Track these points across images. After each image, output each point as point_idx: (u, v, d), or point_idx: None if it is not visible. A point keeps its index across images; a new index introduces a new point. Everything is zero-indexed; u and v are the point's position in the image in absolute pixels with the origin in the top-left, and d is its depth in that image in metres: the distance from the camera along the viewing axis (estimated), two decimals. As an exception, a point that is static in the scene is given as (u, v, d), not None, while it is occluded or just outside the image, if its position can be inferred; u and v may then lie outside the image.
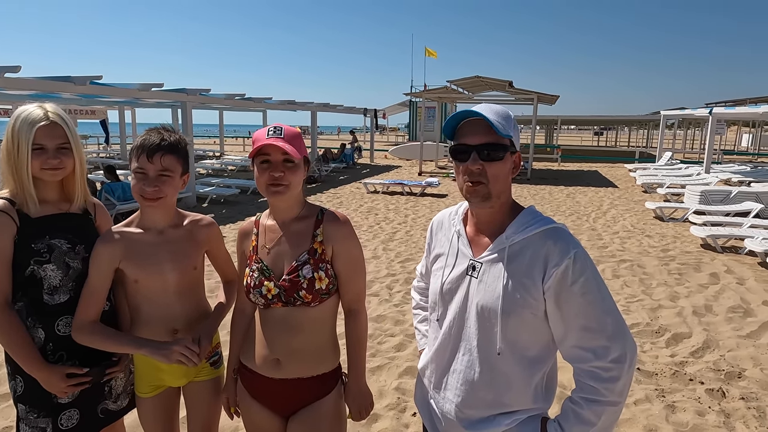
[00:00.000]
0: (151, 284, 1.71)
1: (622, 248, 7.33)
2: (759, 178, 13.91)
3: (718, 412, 3.22)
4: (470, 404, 1.37)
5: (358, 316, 1.69)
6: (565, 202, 11.70)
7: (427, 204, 11.14)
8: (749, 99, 22.38)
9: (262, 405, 1.67)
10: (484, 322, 1.33)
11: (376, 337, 4.26)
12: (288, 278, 1.57)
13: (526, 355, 1.32)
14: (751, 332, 4.43)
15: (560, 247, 1.26)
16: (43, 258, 1.64)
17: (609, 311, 1.25)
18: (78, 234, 1.72)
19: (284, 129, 1.54)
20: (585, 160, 23.92)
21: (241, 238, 1.74)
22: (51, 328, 1.68)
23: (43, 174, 1.63)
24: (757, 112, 13.87)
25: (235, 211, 9.97)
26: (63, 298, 1.69)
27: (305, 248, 1.59)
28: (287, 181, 1.54)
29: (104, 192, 8.28)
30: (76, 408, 1.72)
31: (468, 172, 1.30)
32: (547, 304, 1.27)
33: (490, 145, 1.28)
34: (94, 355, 1.74)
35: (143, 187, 1.63)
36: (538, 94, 16.70)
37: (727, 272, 6.19)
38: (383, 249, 7.15)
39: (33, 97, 9.88)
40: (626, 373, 1.23)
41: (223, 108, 19.47)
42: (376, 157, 23.35)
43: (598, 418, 1.24)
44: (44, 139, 1.60)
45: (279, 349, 1.60)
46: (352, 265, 1.65)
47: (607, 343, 1.23)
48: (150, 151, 1.62)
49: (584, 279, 1.24)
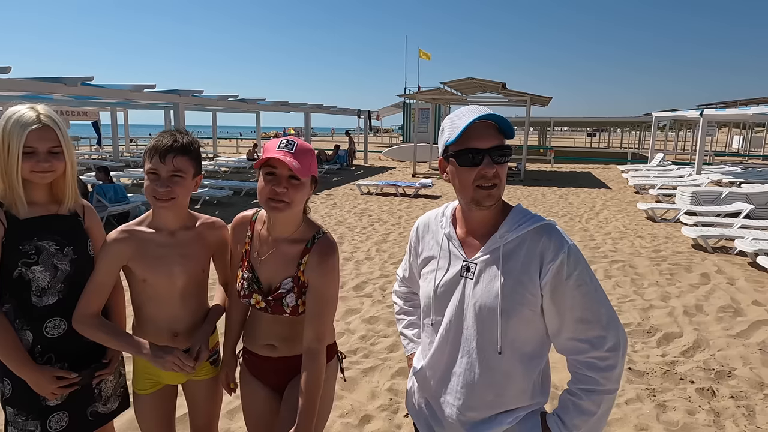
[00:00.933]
0: (158, 285, 1.72)
1: (614, 249, 7.37)
2: (749, 179, 14.03)
3: (708, 411, 3.24)
4: (472, 406, 1.37)
5: (316, 358, 1.58)
6: (557, 203, 11.75)
7: (421, 205, 11.15)
8: (740, 101, 22.57)
9: (260, 382, 1.78)
10: (483, 322, 1.33)
11: (368, 339, 4.26)
12: (273, 300, 1.63)
13: (525, 352, 1.34)
14: (741, 332, 4.47)
15: (555, 243, 1.29)
16: (30, 260, 1.63)
17: (602, 301, 1.30)
18: (66, 236, 1.71)
19: (297, 144, 1.52)
20: (578, 162, 24.04)
21: (235, 229, 1.76)
22: (39, 330, 1.67)
23: (33, 177, 1.62)
24: (747, 113, 14.02)
25: (228, 213, 9.94)
26: (51, 300, 1.67)
27: (291, 273, 1.62)
28: (289, 198, 1.51)
29: (96, 194, 8.23)
30: (65, 411, 1.71)
31: (482, 176, 1.28)
32: (543, 300, 1.30)
33: (501, 147, 1.30)
34: (84, 357, 1.74)
35: (156, 187, 1.63)
36: (531, 95, 16.77)
37: (717, 272, 6.24)
38: (376, 250, 7.15)
39: (24, 98, 9.79)
40: (621, 360, 1.28)
41: (216, 109, 19.43)
42: (370, 159, 23.35)
43: (598, 407, 1.28)
44: (36, 143, 1.58)
45: (272, 336, 1.71)
46: (320, 301, 1.60)
47: (602, 333, 1.27)
48: (163, 152, 1.62)
49: (578, 272, 1.27)
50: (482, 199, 1.31)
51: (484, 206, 1.33)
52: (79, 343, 1.72)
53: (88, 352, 1.76)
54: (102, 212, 7.86)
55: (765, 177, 14.36)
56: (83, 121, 20.68)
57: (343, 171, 18.55)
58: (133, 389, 1.86)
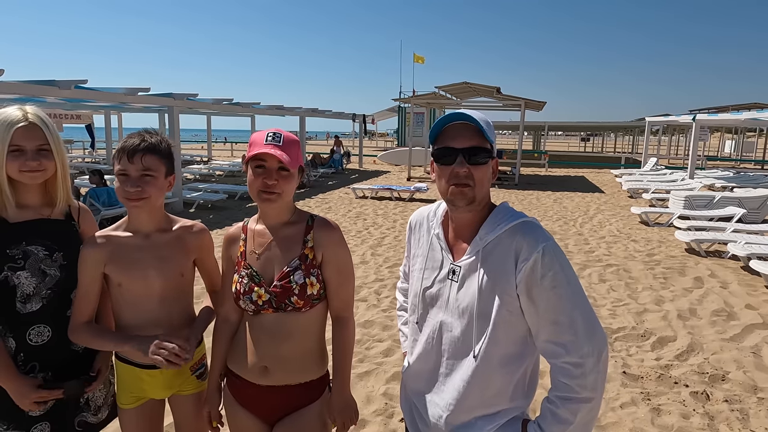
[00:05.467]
0: (135, 289, 1.67)
1: (609, 253, 7.39)
2: (741, 183, 14.15)
3: (703, 415, 3.25)
4: (453, 407, 1.37)
5: (346, 324, 1.66)
6: (552, 207, 11.78)
7: (416, 209, 11.14)
8: (732, 106, 22.79)
9: (248, 411, 1.64)
10: (465, 324, 1.33)
11: (363, 343, 4.24)
12: (279, 284, 1.55)
13: (505, 354, 1.32)
14: (735, 335, 4.49)
15: (529, 241, 1.26)
16: (17, 264, 1.59)
17: (578, 305, 1.25)
18: (57, 240, 1.67)
19: (283, 136, 1.53)
20: (572, 166, 24.15)
21: (227, 244, 1.71)
22: (22, 338, 1.63)
23: (22, 177, 1.58)
24: (739, 118, 14.14)
25: (222, 217, 9.90)
26: (35, 307, 1.63)
27: (296, 254, 1.58)
28: (280, 189, 1.52)
29: (89, 197, 8.17)
30: (47, 421, 1.66)
31: (454, 175, 1.29)
32: (521, 300, 1.27)
33: (477, 148, 1.29)
34: (69, 367, 1.70)
35: (126, 188, 1.60)
36: (526, 100, 16.84)
37: (710, 276, 6.27)
38: (371, 254, 7.14)
39: (17, 101, 9.74)
40: (595, 368, 1.22)
41: (210, 113, 19.37)
42: (365, 163, 23.36)
43: (575, 416, 1.23)
44: (22, 141, 1.56)
45: (267, 356, 1.58)
46: (341, 272, 1.63)
47: (575, 338, 1.23)
48: (130, 152, 1.59)
49: (553, 273, 1.23)
50: (455, 198, 1.31)
51: (458, 206, 1.33)
52: (64, 352, 1.69)
53: (73, 360, 1.71)
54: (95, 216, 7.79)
55: (757, 181, 14.48)
56: (77, 125, 20.56)
57: (338, 175, 18.54)
58: (117, 403, 1.79)
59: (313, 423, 1.62)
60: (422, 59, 25.20)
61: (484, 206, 1.37)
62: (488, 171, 1.33)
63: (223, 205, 11.31)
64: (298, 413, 1.62)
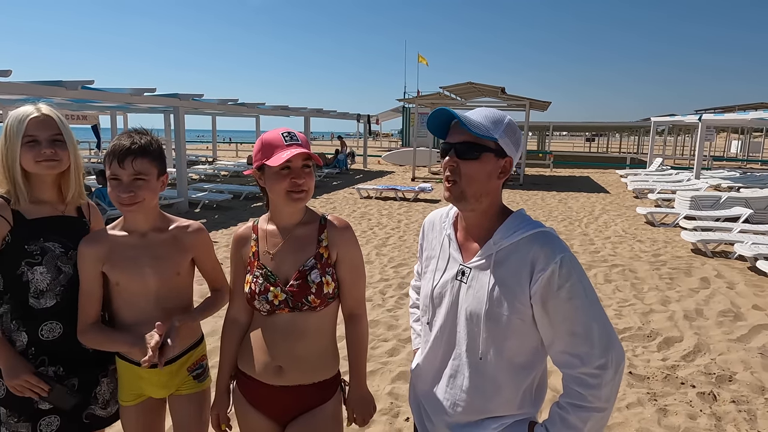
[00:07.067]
0: (132, 288, 1.67)
1: (614, 253, 7.37)
2: (748, 183, 14.07)
3: (710, 416, 3.24)
4: (458, 408, 1.37)
5: (360, 321, 1.69)
6: (557, 207, 11.75)
7: (420, 209, 11.15)
8: (738, 106, 22.65)
9: (259, 412, 1.63)
10: (472, 327, 1.33)
11: (369, 342, 4.24)
12: (296, 283, 1.55)
13: (514, 361, 1.32)
14: (741, 336, 4.47)
15: (546, 252, 1.24)
16: (35, 260, 1.62)
17: (596, 317, 1.24)
18: (72, 238, 1.70)
19: (298, 135, 1.54)
20: (577, 166, 24.08)
21: (237, 245, 1.69)
22: (35, 332, 1.65)
23: (39, 167, 1.60)
24: (745, 118, 14.06)
25: (227, 217, 9.93)
26: (49, 303, 1.66)
27: (311, 253, 1.58)
28: (307, 186, 1.54)
29: (95, 196, 8.22)
30: (56, 415, 1.69)
31: (445, 168, 1.34)
32: (534, 309, 1.26)
33: (465, 143, 1.29)
34: (78, 362, 1.71)
35: (118, 193, 1.59)
36: (531, 100, 16.81)
37: (717, 277, 6.24)
38: (376, 254, 7.14)
39: (24, 101, 9.81)
40: (611, 380, 1.22)
41: (216, 113, 19.43)
42: (370, 163, 23.37)
43: (584, 424, 1.23)
44: (36, 131, 1.59)
45: (282, 355, 1.57)
46: (355, 270, 1.66)
47: (592, 350, 1.21)
48: (120, 156, 1.57)
49: (570, 284, 1.22)
50: (445, 191, 1.35)
51: (449, 202, 1.37)
52: (74, 348, 1.70)
53: (85, 358, 1.73)
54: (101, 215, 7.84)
55: (764, 182, 14.39)
56: (83, 125, 20.67)
57: (343, 175, 18.56)
58: (118, 400, 1.79)
59: (325, 423, 1.62)
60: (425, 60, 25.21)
61: (490, 207, 1.35)
62: (483, 168, 1.30)
63: (228, 205, 11.34)
64: (311, 413, 1.61)
